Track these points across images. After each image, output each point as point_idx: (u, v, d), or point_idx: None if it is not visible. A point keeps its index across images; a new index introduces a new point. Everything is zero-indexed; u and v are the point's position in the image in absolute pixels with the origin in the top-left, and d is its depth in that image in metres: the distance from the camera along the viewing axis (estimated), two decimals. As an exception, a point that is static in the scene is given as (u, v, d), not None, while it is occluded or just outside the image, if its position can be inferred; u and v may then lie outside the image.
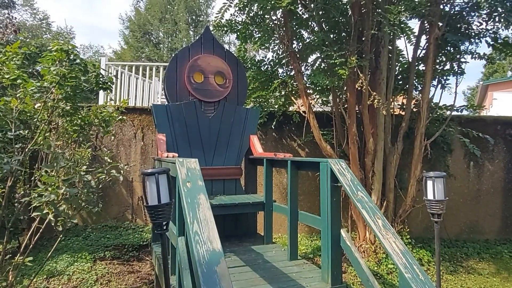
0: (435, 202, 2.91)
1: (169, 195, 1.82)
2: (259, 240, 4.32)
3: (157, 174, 1.76)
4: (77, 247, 5.60)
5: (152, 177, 1.75)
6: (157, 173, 1.76)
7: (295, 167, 3.68)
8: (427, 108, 5.03)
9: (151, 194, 1.77)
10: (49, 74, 3.45)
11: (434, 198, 2.90)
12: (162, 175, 1.79)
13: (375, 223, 2.52)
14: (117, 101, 7.21)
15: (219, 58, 4.65)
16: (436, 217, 2.96)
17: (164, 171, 1.81)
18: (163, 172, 1.80)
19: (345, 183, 2.84)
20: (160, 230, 1.85)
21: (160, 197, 1.76)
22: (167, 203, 1.81)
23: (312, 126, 5.07)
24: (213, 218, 2.20)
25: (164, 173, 1.80)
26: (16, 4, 22.73)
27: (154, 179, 1.75)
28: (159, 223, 1.81)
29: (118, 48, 30.19)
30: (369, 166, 5.00)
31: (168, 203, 1.82)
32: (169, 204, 1.83)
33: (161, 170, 1.81)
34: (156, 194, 1.76)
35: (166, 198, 1.82)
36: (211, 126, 4.50)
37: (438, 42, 4.95)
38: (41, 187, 3.16)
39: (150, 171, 1.79)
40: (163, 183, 1.81)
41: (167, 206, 1.81)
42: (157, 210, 1.78)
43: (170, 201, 1.85)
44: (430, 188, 2.90)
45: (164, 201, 1.80)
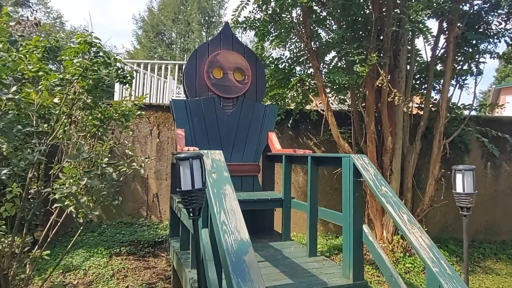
0: (464, 195, 2.88)
1: (202, 181, 1.81)
2: (277, 237, 4.30)
3: (191, 158, 1.75)
4: (93, 243, 5.63)
5: (186, 162, 1.75)
6: (191, 157, 1.76)
7: (315, 163, 3.66)
8: (446, 107, 4.98)
9: (185, 179, 1.76)
10: (72, 66, 3.48)
11: (464, 191, 2.86)
12: (196, 160, 1.78)
13: (400, 217, 2.50)
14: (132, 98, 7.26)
15: (238, 54, 4.66)
16: (465, 211, 2.93)
17: (198, 156, 1.81)
18: (197, 157, 1.79)
19: (369, 178, 2.82)
20: (193, 216, 1.85)
21: (194, 182, 1.76)
22: (200, 189, 1.81)
23: (331, 124, 5.05)
24: (239, 209, 2.20)
25: (198, 158, 1.80)
26: (30, 2, 23.00)
27: (188, 163, 1.74)
28: (193, 209, 1.80)
29: (131, 48, 30.43)
30: (387, 164, 4.96)
31: (202, 189, 1.82)
32: (202, 190, 1.82)
33: (194, 154, 1.81)
34: (190, 179, 1.75)
35: (200, 184, 1.81)
36: (229, 122, 4.50)
37: (457, 41, 4.89)
38: (62, 178, 3.19)
39: (184, 155, 1.78)
40: (197, 168, 1.80)
41: (200, 191, 1.81)
42: (190, 196, 1.78)
43: (203, 187, 1.84)
44: (460, 181, 2.87)
45: (198, 187, 1.79)
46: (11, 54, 3.46)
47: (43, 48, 4.03)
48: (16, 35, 4.05)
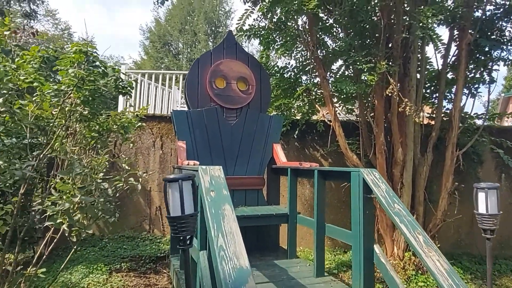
0: (487, 217, 2.63)
1: (194, 205, 1.61)
2: (282, 254, 4.10)
3: (180, 180, 1.56)
4: (93, 258, 5.46)
5: (175, 184, 1.56)
6: (180, 179, 1.57)
7: (322, 177, 3.47)
8: (459, 116, 4.76)
9: (174, 204, 1.57)
10: (67, 77, 3.34)
11: (487, 212, 2.62)
12: (187, 181, 1.59)
13: (415, 239, 2.29)
14: (136, 108, 7.15)
15: (242, 63, 4.51)
16: (489, 233, 2.67)
17: (189, 177, 1.62)
18: (188, 179, 1.61)
19: (380, 194, 2.62)
20: (183, 246, 1.65)
21: (183, 207, 1.57)
22: (191, 214, 1.61)
23: (338, 135, 4.85)
24: (239, 231, 2.01)
25: (189, 179, 1.61)
26: (38, 14, 23.21)
27: (178, 186, 1.55)
28: (182, 237, 1.60)
29: (138, 58, 30.60)
30: (397, 177, 4.73)
31: (193, 214, 1.62)
32: (193, 216, 1.63)
33: (185, 176, 1.62)
34: (180, 203, 1.56)
35: (191, 209, 1.62)
36: (233, 134, 4.33)
37: (470, 48, 4.69)
38: (55, 195, 3.03)
39: (173, 177, 1.60)
40: (187, 190, 1.61)
41: (191, 217, 1.62)
42: (180, 222, 1.58)
43: (195, 212, 1.65)
44: (482, 200, 2.63)
45: (189, 212, 1.60)
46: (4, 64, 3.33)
47: (41, 58, 3.91)
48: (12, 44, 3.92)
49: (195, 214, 1.65)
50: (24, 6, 21.38)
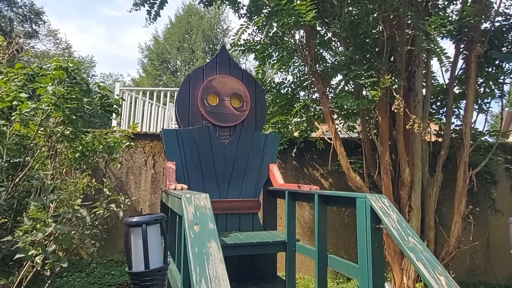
0: None
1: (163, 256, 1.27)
2: (280, 285, 3.75)
3: (144, 225, 1.23)
4: (78, 285, 5.12)
5: (138, 230, 1.22)
6: (145, 223, 1.23)
7: (323, 202, 3.14)
8: (470, 134, 4.44)
9: (136, 255, 1.23)
10: (46, 95, 3.05)
11: None
12: (153, 226, 1.26)
13: (437, 281, 1.94)
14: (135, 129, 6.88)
15: (235, 79, 4.24)
16: None
17: (156, 220, 1.29)
18: (155, 222, 1.27)
19: (391, 225, 2.28)
20: None
21: (148, 260, 1.23)
22: (159, 269, 1.27)
23: (339, 154, 4.53)
24: (226, 275, 1.67)
25: (156, 222, 1.28)
26: (40, 34, 23.21)
27: (141, 232, 1.22)
28: None
29: (137, 76, 30.56)
30: (405, 200, 4.39)
31: (161, 269, 1.28)
32: (162, 270, 1.28)
33: (151, 218, 1.29)
34: (143, 256, 1.22)
35: (159, 261, 1.27)
36: (226, 154, 4.04)
37: (480, 60, 4.42)
38: (28, 224, 2.70)
39: (136, 219, 1.27)
40: (154, 237, 1.27)
41: (159, 273, 1.27)
42: (143, 280, 1.24)
43: (164, 265, 1.30)
44: None
45: (155, 266, 1.25)
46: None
47: (25, 75, 3.65)
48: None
49: (164, 269, 1.30)
50: (26, 27, 21.43)
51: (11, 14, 18.20)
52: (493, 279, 5.42)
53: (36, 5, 20.61)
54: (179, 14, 30.13)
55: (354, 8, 4.34)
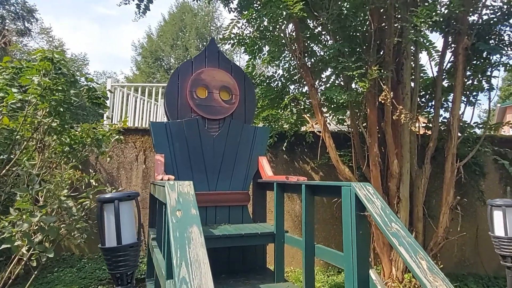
0: (507, 241, 2.20)
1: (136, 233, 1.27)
2: (269, 277, 3.74)
3: (117, 201, 1.22)
4: (69, 280, 5.11)
5: (110, 206, 1.22)
6: (117, 199, 1.23)
7: (311, 193, 3.15)
8: (458, 125, 4.47)
9: (109, 231, 1.23)
10: (32, 85, 3.03)
11: (506, 234, 2.20)
12: (125, 202, 1.26)
13: (418, 265, 1.95)
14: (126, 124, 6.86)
15: (224, 72, 4.23)
16: (510, 261, 2.24)
17: (129, 196, 1.28)
18: (128, 198, 1.27)
19: (375, 212, 2.29)
20: (121, 285, 1.29)
21: (120, 236, 1.22)
22: (131, 245, 1.27)
23: (328, 146, 4.54)
24: (207, 259, 1.68)
25: (129, 199, 1.27)
26: (32, 32, 23.04)
27: (113, 208, 1.21)
28: (119, 274, 1.26)
29: (130, 74, 30.45)
30: (393, 191, 4.41)
31: (133, 245, 1.28)
32: (134, 246, 1.28)
33: (124, 195, 1.28)
34: (115, 231, 1.22)
35: (131, 237, 1.27)
36: (215, 146, 4.03)
37: (467, 52, 4.44)
38: (13, 214, 2.68)
39: (109, 196, 1.27)
40: (127, 214, 1.27)
41: (131, 249, 1.27)
42: (115, 255, 1.23)
43: (138, 241, 1.30)
44: (499, 220, 2.21)
45: (128, 242, 1.25)
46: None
47: (13, 69, 3.63)
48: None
49: (137, 245, 1.30)
50: (19, 24, 21.28)
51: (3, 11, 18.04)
52: (482, 270, 5.46)
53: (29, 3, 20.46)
54: (172, 11, 30.05)
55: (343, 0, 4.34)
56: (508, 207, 2.19)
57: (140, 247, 1.38)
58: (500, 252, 2.26)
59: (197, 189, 3.84)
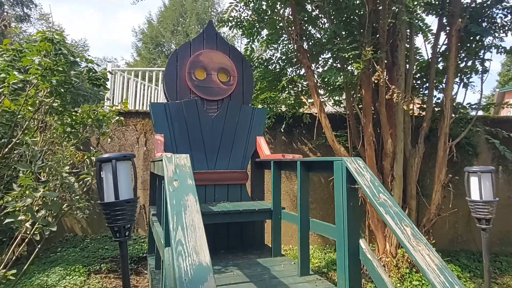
0: (482, 204, 2.35)
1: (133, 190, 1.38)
2: (267, 253, 3.89)
3: (114, 160, 1.33)
4: (72, 259, 5.24)
5: (108, 165, 1.33)
6: (114, 159, 1.34)
7: (305, 169, 3.26)
8: (450, 106, 4.56)
9: (107, 188, 1.34)
10: (33, 65, 3.11)
11: (481, 198, 2.35)
12: (123, 162, 1.37)
13: (402, 231, 2.07)
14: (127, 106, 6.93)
15: (222, 54, 4.31)
16: (484, 223, 2.40)
17: (125, 157, 1.39)
18: (124, 158, 1.38)
19: (364, 184, 2.41)
20: (118, 237, 1.42)
21: (118, 192, 1.34)
22: (128, 200, 1.38)
23: (324, 127, 4.63)
24: (202, 224, 1.79)
25: (126, 159, 1.39)
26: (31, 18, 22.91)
27: (110, 167, 1.33)
28: (117, 228, 1.37)
29: (131, 60, 30.35)
30: (387, 170, 4.52)
31: (130, 200, 1.39)
32: (131, 202, 1.39)
33: (120, 155, 1.39)
34: (113, 188, 1.33)
35: (128, 194, 1.39)
36: (214, 127, 4.13)
37: (460, 34, 4.50)
38: (17, 190, 2.80)
39: (107, 156, 1.37)
40: (124, 173, 1.39)
41: (128, 204, 1.38)
42: (114, 210, 1.35)
43: (134, 197, 1.42)
44: (475, 186, 2.36)
45: (124, 197, 1.37)
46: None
47: (14, 51, 3.70)
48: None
49: (133, 200, 1.42)
50: (18, 10, 21.15)
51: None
52: (474, 247, 5.61)
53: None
54: (172, -4, 29.77)
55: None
56: (483, 173, 2.32)
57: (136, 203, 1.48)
58: (476, 215, 2.40)
59: (196, 168, 4.02)
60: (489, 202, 2.38)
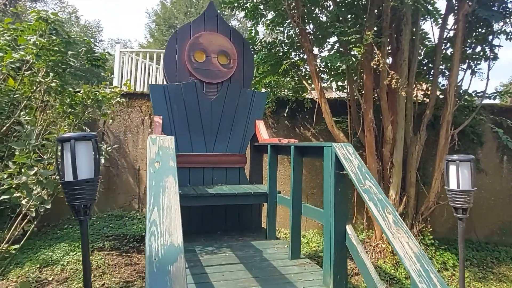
0: (459, 193, 2.33)
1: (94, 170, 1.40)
2: (262, 235, 3.93)
3: (73, 140, 1.34)
4: (77, 236, 5.38)
5: (67, 145, 1.35)
6: (73, 139, 1.35)
7: (299, 154, 3.26)
8: (454, 93, 4.45)
9: (66, 167, 1.36)
10: (28, 45, 3.14)
11: (458, 187, 2.32)
12: (82, 142, 1.38)
13: (384, 218, 2.07)
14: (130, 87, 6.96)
15: (223, 36, 4.27)
16: (461, 213, 2.38)
17: (85, 137, 1.40)
18: (84, 138, 1.39)
19: (351, 170, 2.40)
20: (78, 216, 1.44)
21: (76, 171, 1.35)
22: (87, 180, 1.40)
23: (324, 112, 4.59)
24: (178, 206, 1.81)
25: (86, 139, 1.39)
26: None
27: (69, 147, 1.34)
28: (77, 206, 1.39)
29: (144, 41, 30.35)
30: (387, 157, 4.48)
31: (90, 180, 1.40)
32: (90, 182, 1.41)
33: (80, 135, 1.40)
34: (71, 167, 1.35)
35: (88, 173, 1.40)
36: (213, 109, 4.13)
37: (468, 19, 4.36)
38: (12, 168, 2.86)
39: (67, 135, 1.39)
40: (85, 152, 1.39)
41: (87, 183, 1.40)
42: (72, 189, 1.37)
43: (95, 177, 1.43)
44: (453, 175, 2.34)
45: (84, 177, 1.38)
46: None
47: (15, 30, 3.73)
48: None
49: (93, 180, 1.43)
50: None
51: (14, -24, 17.99)
52: (474, 236, 5.56)
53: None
54: (186, -23, 29.48)
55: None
56: (461, 162, 2.28)
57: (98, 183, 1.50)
58: (453, 204, 2.37)
59: (195, 150, 4.05)
60: (466, 191, 2.34)
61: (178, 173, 3.92)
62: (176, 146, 3.98)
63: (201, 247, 3.49)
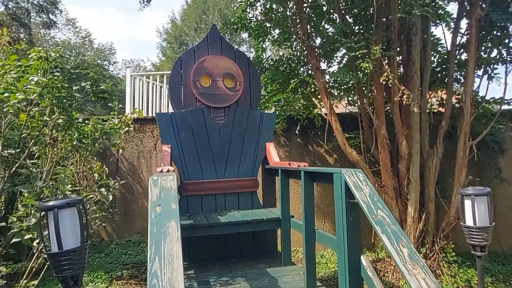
0: (476, 230, 2.13)
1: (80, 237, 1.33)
2: (278, 260, 3.81)
3: (56, 209, 1.28)
4: (96, 265, 5.37)
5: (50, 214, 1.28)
6: (57, 207, 1.29)
7: (310, 178, 3.15)
8: (471, 102, 4.26)
9: (52, 237, 1.30)
10: (31, 85, 3.16)
11: (475, 224, 2.13)
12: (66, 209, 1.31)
13: (398, 253, 1.93)
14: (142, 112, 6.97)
15: (228, 59, 4.22)
16: (479, 250, 2.18)
17: (68, 204, 1.34)
18: (67, 206, 1.32)
19: (362, 199, 2.27)
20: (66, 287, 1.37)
21: (61, 242, 1.29)
22: (74, 249, 1.33)
23: (335, 130, 4.47)
24: (180, 253, 1.73)
25: (69, 206, 1.33)
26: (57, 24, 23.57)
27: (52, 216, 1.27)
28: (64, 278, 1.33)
29: (157, 60, 30.80)
30: (403, 173, 4.31)
31: (77, 249, 1.34)
32: (77, 251, 1.34)
33: (63, 202, 1.34)
34: (55, 237, 1.28)
35: (75, 242, 1.33)
36: (221, 134, 4.06)
37: (481, 24, 4.19)
38: (21, 210, 2.86)
39: (50, 204, 1.32)
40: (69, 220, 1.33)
41: (74, 253, 1.33)
42: (58, 260, 1.30)
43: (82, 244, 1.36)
44: (469, 210, 2.15)
45: (70, 247, 1.31)
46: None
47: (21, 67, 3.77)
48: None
49: (80, 249, 1.36)
50: (43, 17, 21.75)
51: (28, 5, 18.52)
52: (498, 248, 5.28)
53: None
54: (194, -7, 29.92)
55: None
56: (477, 196, 2.10)
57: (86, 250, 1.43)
58: (470, 242, 2.19)
59: (206, 177, 3.98)
60: (484, 228, 2.15)
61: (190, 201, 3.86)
62: (186, 173, 3.98)
63: (215, 277, 3.40)
